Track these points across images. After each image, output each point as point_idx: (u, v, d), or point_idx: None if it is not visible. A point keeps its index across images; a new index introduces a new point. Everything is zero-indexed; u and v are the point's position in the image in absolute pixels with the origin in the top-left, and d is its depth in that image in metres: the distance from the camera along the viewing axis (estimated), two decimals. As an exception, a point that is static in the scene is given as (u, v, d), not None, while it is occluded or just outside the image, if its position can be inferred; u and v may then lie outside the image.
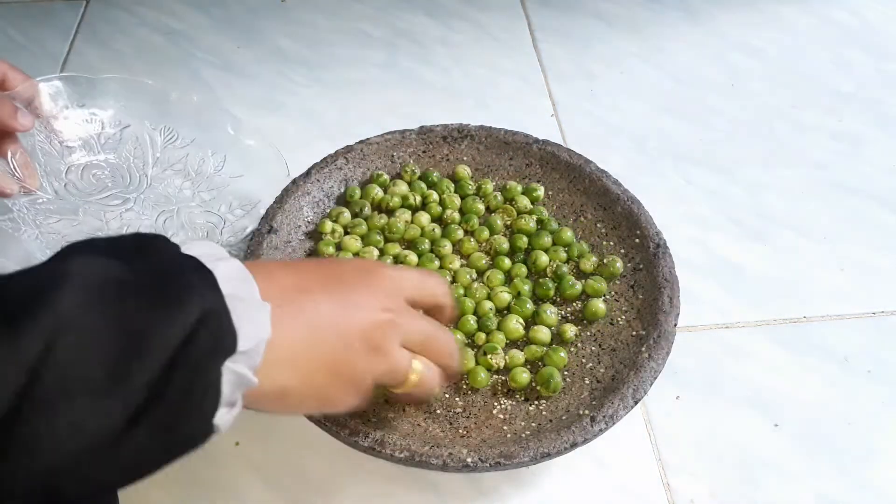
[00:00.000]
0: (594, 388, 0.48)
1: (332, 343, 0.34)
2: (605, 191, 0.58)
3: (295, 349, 0.32)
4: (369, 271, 0.37)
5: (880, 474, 0.51)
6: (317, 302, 0.34)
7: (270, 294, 0.31)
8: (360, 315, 0.35)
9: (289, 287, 0.33)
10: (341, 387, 0.35)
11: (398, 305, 0.37)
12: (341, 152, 0.61)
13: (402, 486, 0.50)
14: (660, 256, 0.53)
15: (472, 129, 0.62)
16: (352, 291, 0.35)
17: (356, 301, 0.35)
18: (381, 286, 0.37)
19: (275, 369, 0.31)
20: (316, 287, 0.34)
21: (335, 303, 0.34)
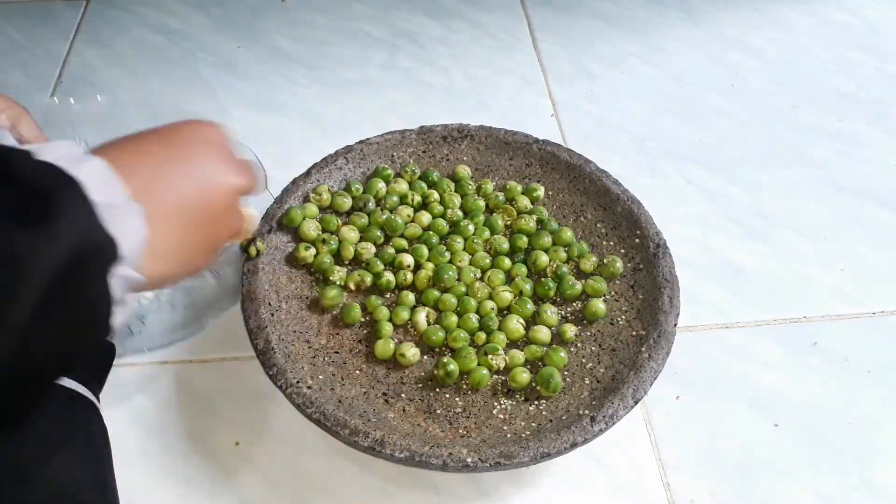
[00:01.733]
0: (594, 388, 0.48)
1: (201, 222, 0.35)
2: (605, 191, 0.58)
3: (170, 239, 0.34)
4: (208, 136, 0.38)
5: (880, 474, 0.51)
6: (178, 187, 0.34)
7: (136, 190, 0.32)
8: (219, 185, 0.36)
9: (151, 178, 0.34)
10: (208, 256, 0.37)
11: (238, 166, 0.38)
12: (341, 152, 0.61)
13: (402, 486, 0.50)
14: (660, 256, 0.53)
15: (472, 129, 0.62)
16: (205, 162, 0.36)
17: (212, 171, 0.36)
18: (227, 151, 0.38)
19: (155, 261, 0.33)
20: (176, 170, 0.35)
21: (195, 182, 0.35)
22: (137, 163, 0.34)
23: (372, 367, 0.50)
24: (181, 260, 0.35)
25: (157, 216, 0.33)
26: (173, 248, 0.34)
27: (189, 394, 0.54)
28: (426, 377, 0.50)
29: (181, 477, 0.50)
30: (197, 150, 0.37)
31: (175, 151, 0.36)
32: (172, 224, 0.34)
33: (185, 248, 0.35)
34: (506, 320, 0.52)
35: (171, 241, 0.34)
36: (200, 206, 0.35)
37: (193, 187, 0.35)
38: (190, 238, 0.35)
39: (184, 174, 0.35)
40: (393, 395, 0.49)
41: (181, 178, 0.35)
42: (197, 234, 0.35)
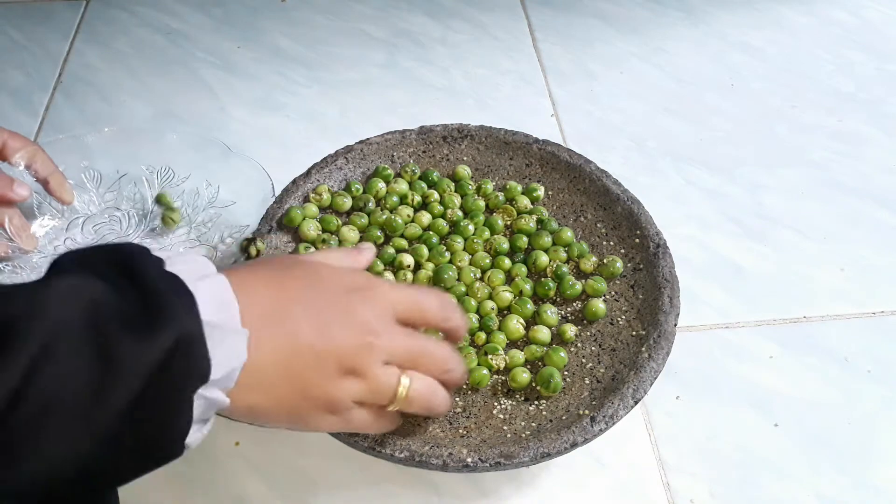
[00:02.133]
0: (594, 388, 0.48)
1: (305, 367, 0.34)
2: (605, 191, 0.58)
3: (268, 373, 0.33)
4: (359, 290, 0.37)
5: (880, 474, 0.51)
6: (296, 324, 0.34)
7: (250, 317, 0.32)
8: (338, 339, 0.35)
9: (269, 308, 0.34)
10: (313, 408, 0.36)
11: (383, 326, 0.37)
12: (341, 152, 0.61)
13: (402, 486, 0.50)
14: (660, 256, 0.53)
15: (472, 129, 0.62)
16: (334, 313, 0.36)
17: (336, 323, 0.35)
18: (368, 306, 0.37)
19: (246, 391, 0.33)
20: (297, 308, 0.35)
21: (314, 326, 0.35)
22: (265, 290, 0.34)
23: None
24: (278, 401, 0.34)
25: (264, 348, 0.33)
26: (272, 386, 0.34)
27: None
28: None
29: (181, 477, 0.50)
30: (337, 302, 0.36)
31: (313, 294, 0.36)
32: (276, 362, 0.34)
33: (285, 391, 0.34)
34: (506, 320, 0.52)
35: (271, 378, 0.34)
36: (315, 354, 0.35)
37: (313, 334, 0.34)
38: (293, 381, 0.34)
39: (308, 318, 0.35)
40: (393, 395, 0.49)
41: (306, 321, 0.34)
42: (302, 380, 0.35)
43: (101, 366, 0.27)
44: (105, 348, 0.27)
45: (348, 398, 0.36)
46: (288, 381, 0.34)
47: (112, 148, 0.65)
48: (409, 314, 0.39)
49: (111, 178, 0.64)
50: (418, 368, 0.39)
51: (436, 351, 0.40)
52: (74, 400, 0.27)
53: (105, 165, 0.65)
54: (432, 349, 0.39)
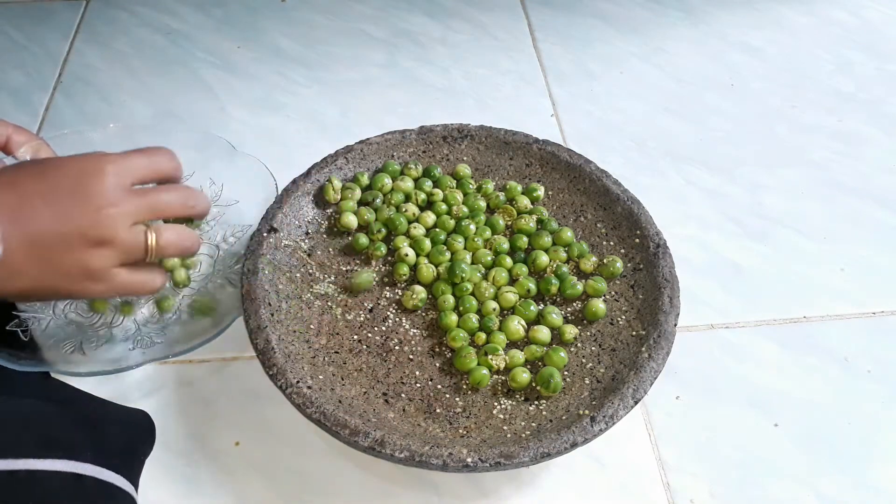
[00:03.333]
0: (594, 388, 0.48)
1: (53, 250, 0.39)
2: (605, 191, 0.58)
3: (22, 262, 0.39)
4: (89, 174, 0.41)
5: (880, 474, 0.51)
6: (36, 215, 0.39)
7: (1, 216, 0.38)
8: (76, 218, 0.40)
9: (11, 207, 0.39)
10: (75, 281, 0.41)
11: (118, 195, 0.41)
12: (341, 152, 0.61)
13: (402, 486, 0.50)
14: (660, 256, 0.53)
15: (472, 129, 0.62)
16: (69, 197, 0.40)
17: (73, 205, 0.40)
18: (101, 185, 0.41)
19: (9, 280, 0.39)
20: (36, 201, 0.39)
21: (53, 213, 0.39)
22: (8, 192, 0.39)
23: (372, 367, 0.50)
24: (42, 282, 0.40)
25: (13, 243, 0.38)
26: (30, 270, 0.39)
27: (189, 394, 0.54)
28: (426, 377, 0.50)
29: (181, 477, 0.50)
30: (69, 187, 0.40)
31: (47, 185, 0.40)
32: (28, 250, 0.39)
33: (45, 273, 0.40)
34: (506, 321, 0.52)
35: (26, 264, 0.39)
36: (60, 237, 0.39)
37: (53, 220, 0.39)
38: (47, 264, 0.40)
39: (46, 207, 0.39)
40: (393, 395, 0.49)
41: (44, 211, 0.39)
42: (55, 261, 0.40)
43: None
44: None
45: (104, 265, 0.41)
46: (43, 265, 0.39)
47: (116, 145, 0.65)
48: (143, 175, 0.43)
49: None
50: (165, 216, 0.44)
51: (171, 197, 0.44)
52: None
53: None
54: (166, 196, 0.43)
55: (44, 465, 0.36)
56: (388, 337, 0.52)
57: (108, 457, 0.41)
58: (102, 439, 0.41)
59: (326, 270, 0.56)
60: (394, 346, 0.51)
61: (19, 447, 0.36)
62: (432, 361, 0.51)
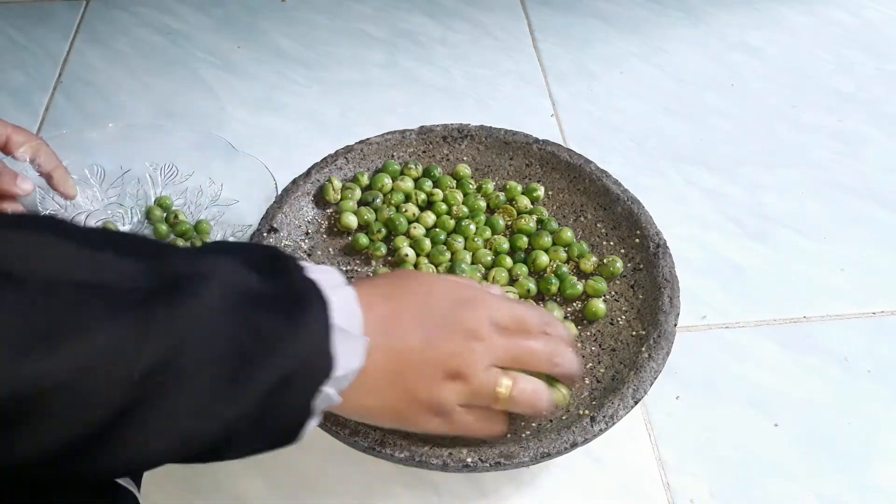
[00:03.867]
0: (594, 388, 0.48)
1: (411, 372, 0.38)
2: (605, 191, 0.58)
3: (378, 377, 0.37)
4: (466, 301, 0.40)
5: (880, 474, 0.51)
6: (405, 334, 0.38)
7: (368, 327, 0.36)
8: (441, 345, 0.38)
9: (383, 318, 0.37)
10: (418, 410, 0.39)
11: (486, 332, 0.39)
12: (341, 152, 0.61)
13: (402, 486, 0.50)
14: (660, 256, 0.53)
15: (472, 129, 0.62)
16: (440, 322, 0.39)
17: (441, 332, 0.39)
18: (472, 314, 0.40)
19: (358, 392, 0.36)
20: (407, 319, 0.38)
21: (421, 335, 0.38)
22: (383, 303, 0.38)
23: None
24: (385, 403, 0.38)
25: (376, 355, 0.36)
26: (381, 389, 0.38)
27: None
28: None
29: (181, 477, 0.50)
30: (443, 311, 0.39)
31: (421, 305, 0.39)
32: (386, 367, 0.37)
33: (393, 395, 0.38)
34: None
35: (381, 382, 0.37)
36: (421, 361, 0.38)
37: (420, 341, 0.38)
38: (400, 386, 0.38)
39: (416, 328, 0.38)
40: (393, 395, 0.49)
41: (413, 331, 0.38)
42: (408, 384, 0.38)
43: (247, 346, 0.30)
44: (253, 333, 0.30)
45: (452, 401, 0.39)
46: (395, 385, 0.38)
47: (115, 144, 0.65)
48: (510, 323, 0.41)
49: (114, 175, 0.64)
50: (525, 367, 0.41)
51: (538, 347, 0.41)
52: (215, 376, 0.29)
53: (108, 161, 0.64)
54: (534, 346, 0.41)
55: None
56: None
57: None
58: None
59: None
60: (394, 346, 0.51)
61: None
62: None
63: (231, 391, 0.29)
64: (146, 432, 0.28)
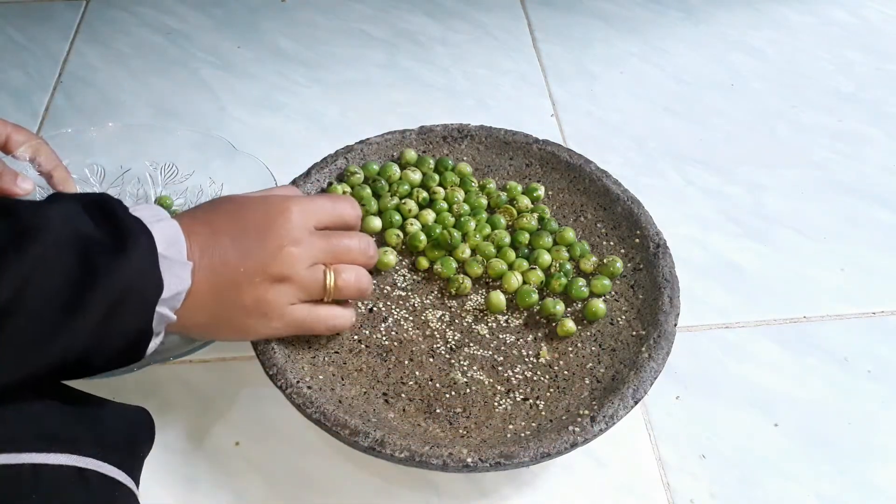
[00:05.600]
0: (594, 388, 0.48)
1: (235, 286, 0.42)
2: (605, 191, 0.58)
3: (206, 294, 0.41)
4: (278, 213, 0.44)
5: (880, 474, 0.51)
6: (225, 251, 0.42)
7: (192, 252, 0.41)
8: (258, 255, 0.42)
9: (203, 241, 0.42)
10: (249, 316, 0.43)
11: (302, 236, 0.44)
12: (341, 152, 0.61)
13: (402, 486, 0.50)
14: (660, 256, 0.53)
15: (472, 129, 0.62)
16: (256, 236, 0.43)
17: (257, 243, 0.43)
18: (286, 224, 0.43)
19: (190, 310, 0.41)
20: (224, 238, 0.42)
21: (238, 250, 0.42)
22: (202, 228, 0.42)
23: (372, 367, 0.50)
24: (219, 317, 0.43)
25: (201, 276, 0.41)
26: (211, 304, 0.42)
27: (189, 394, 0.54)
28: (426, 377, 0.50)
29: (181, 477, 0.50)
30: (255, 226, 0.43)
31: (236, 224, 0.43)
32: (212, 284, 0.41)
33: (224, 308, 0.42)
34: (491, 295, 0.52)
35: (209, 297, 0.41)
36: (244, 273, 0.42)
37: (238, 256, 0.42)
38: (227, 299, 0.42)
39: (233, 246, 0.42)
40: (393, 395, 0.49)
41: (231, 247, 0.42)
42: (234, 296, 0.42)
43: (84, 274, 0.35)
44: (91, 261, 0.35)
45: (281, 301, 0.44)
46: (223, 299, 0.42)
47: (115, 144, 0.65)
48: (326, 220, 0.46)
49: (114, 174, 0.64)
50: (343, 260, 0.46)
51: (353, 244, 0.47)
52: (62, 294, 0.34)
53: (108, 161, 0.64)
54: (349, 243, 0.46)
55: (46, 459, 0.36)
56: (388, 337, 0.52)
57: (110, 451, 0.40)
58: (103, 434, 0.41)
59: (326, 270, 0.56)
60: (394, 346, 0.51)
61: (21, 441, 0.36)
62: (432, 361, 0.51)
63: (69, 317, 0.35)
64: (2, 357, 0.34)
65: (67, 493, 0.36)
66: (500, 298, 0.53)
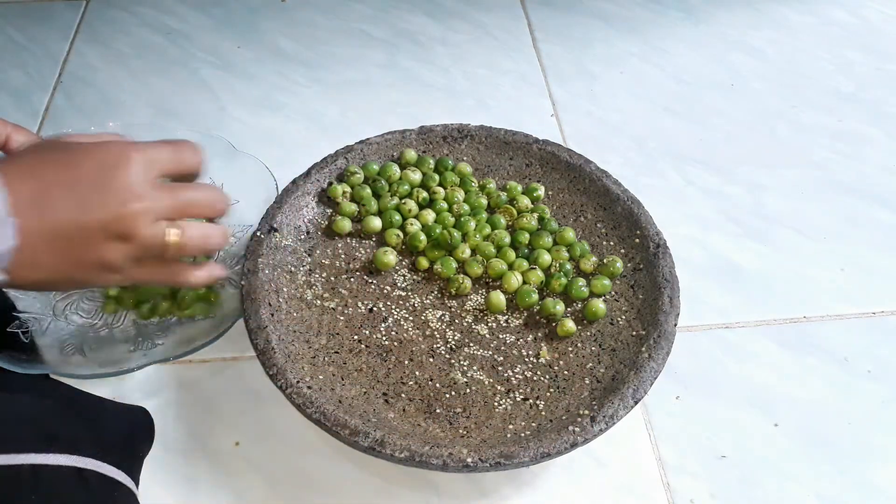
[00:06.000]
0: (594, 388, 0.48)
1: (71, 242, 0.39)
2: (605, 191, 0.58)
3: (39, 252, 0.38)
4: (116, 164, 0.40)
5: (880, 474, 0.51)
6: (56, 206, 0.38)
7: (16, 206, 0.37)
8: (97, 211, 0.39)
9: (31, 195, 0.38)
10: (91, 271, 0.40)
11: (144, 190, 0.40)
12: (341, 152, 0.61)
13: (402, 486, 0.50)
14: (660, 256, 0.53)
15: (472, 129, 0.62)
16: (94, 190, 0.39)
17: (95, 197, 0.39)
18: (126, 177, 0.40)
19: (24, 269, 0.38)
20: (56, 191, 0.38)
21: (73, 204, 0.38)
22: (29, 180, 0.38)
23: (372, 367, 0.50)
24: (56, 273, 0.39)
25: (31, 232, 0.37)
26: (44, 261, 0.38)
27: (189, 394, 0.54)
28: (426, 377, 0.50)
29: (181, 477, 0.50)
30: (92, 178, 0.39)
31: (69, 175, 0.39)
32: (43, 241, 0.38)
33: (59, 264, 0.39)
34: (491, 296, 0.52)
35: (41, 255, 0.38)
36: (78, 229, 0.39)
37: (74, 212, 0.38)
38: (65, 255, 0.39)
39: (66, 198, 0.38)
40: (393, 395, 0.49)
41: (65, 202, 0.38)
42: (73, 253, 0.39)
43: None
44: None
45: (121, 259, 0.40)
46: (60, 256, 0.39)
47: None
48: (168, 168, 0.42)
49: None
50: (190, 216, 0.43)
51: (200, 197, 0.43)
52: None
53: None
54: (196, 197, 0.43)
55: (46, 460, 0.36)
56: (388, 337, 0.52)
57: (109, 451, 0.41)
58: (102, 434, 0.41)
59: (327, 270, 0.56)
60: (394, 346, 0.51)
61: (21, 442, 0.36)
62: (432, 361, 0.51)
63: None
64: None
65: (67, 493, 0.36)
66: (500, 298, 0.53)
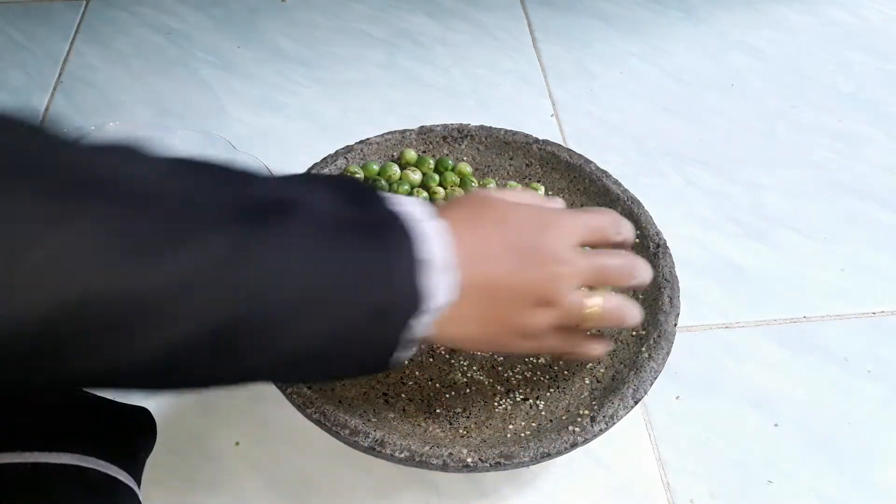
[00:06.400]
0: (594, 388, 0.48)
1: (501, 302, 0.38)
2: (605, 191, 0.58)
3: (469, 308, 0.37)
4: (546, 227, 0.40)
5: (880, 474, 0.51)
6: (494, 264, 0.37)
7: (461, 256, 0.36)
8: (529, 274, 0.38)
9: (472, 249, 0.37)
10: (510, 337, 0.39)
11: (569, 254, 0.39)
12: (341, 152, 0.61)
13: (402, 486, 0.50)
14: (660, 256, 0.53)
15: (472, 129, 0.62)
16: (525, 249, 0.38)
17: (528, 259, 0.38)
18: (554, 238, 0.39)
19: (450, 324, 0.36)
20: (495, 248, 0.38)
21: (510, 264, 0.38)
22: (464, 233, 0.37)
23: (372, 367, 0.50)
24: (478, 333, 0.38)
25: (467, 287, 0.36)
26: (473, 320, 0.37)
27: (189, 394, 0.54)
28: (426, 377, 0.50)
29: (181, 477, 0.50)
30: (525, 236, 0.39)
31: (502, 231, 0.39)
32: (477, 300, 0.37)
33: (485, 325, 0.38)
34: None
35: (472, 313, 0.37)
36: (511, 291, 0.38)
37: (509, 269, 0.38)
38: (491, 315, 0.38)
39: (502, 257, 0.38)
40: (393, 395, 0.49)
41: (501, 258, 0.38)
42: (499, 314, 0.38)
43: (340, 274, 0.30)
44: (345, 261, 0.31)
45: (545, 325, 0.39)
46: (486, 315, 0.38)
47: None
48: (589, 238, 0.41)
49: None
50: (607, 284, 0.41)
51: (617, 263, 0.41)
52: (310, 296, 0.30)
53: None
54: (614, 263, 0.41)
55: (47, 458, 0.36)
56: (388, 337, 0.52)
57: (111, 451, 0.41)
58: (104, 434, 0.41)
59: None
60: (394, 346, 0.51)
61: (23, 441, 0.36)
62: (432, 361, 0.51)
63: (316, 321, 0.30)
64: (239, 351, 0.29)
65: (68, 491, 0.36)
66: None
